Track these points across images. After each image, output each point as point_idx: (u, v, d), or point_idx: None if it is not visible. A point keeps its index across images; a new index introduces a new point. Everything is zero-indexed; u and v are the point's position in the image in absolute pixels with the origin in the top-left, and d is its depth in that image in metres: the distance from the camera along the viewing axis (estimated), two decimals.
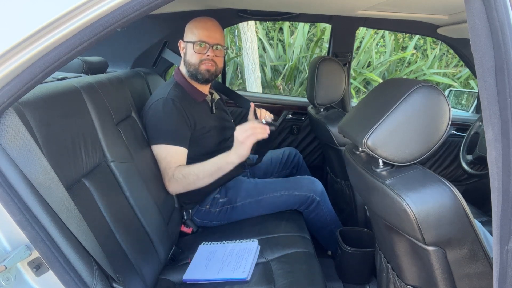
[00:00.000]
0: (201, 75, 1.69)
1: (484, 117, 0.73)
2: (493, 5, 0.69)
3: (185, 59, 1.72)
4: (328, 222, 1.85)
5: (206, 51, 1.67)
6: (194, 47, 1.66)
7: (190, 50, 1.68)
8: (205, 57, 1.67)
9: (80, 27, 0.72)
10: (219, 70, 1.75)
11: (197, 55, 1.67)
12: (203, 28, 1.67)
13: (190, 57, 1.69)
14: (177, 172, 1.58)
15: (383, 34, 5.68)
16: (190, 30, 1.70)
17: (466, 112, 2.63)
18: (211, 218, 1.77)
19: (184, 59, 1.73)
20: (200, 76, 1.69)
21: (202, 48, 1.66)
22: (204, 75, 1.69)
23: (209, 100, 1.83)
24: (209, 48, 1.67)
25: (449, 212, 0.87)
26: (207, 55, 1.67)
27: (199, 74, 1.69)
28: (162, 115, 1.60)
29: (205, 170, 1.58)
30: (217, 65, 1.71)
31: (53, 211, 0.82)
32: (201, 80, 1.71)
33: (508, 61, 0.68)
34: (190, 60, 1.69)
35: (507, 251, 0.72)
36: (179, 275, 1.41)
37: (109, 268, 0.93)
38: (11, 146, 0.78)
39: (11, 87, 0.73)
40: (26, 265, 0.79)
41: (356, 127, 1.06)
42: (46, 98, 1.01)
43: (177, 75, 1.76)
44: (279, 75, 5.47)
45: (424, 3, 1.70)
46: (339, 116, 1.91)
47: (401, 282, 1.14)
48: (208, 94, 1.84)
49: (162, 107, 1.61)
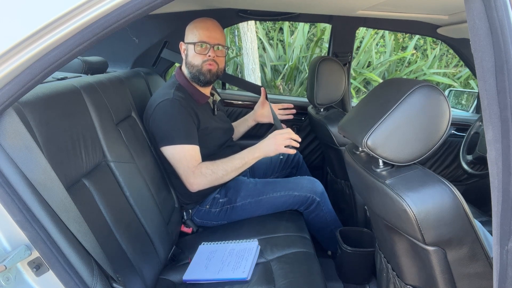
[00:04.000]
0: (203, 76, 1.68)
1: (484, 117, 0.73)
2: (493, 5, 0.69)
3: (187, 61, 1.71)
4: (328, 222, 1.85)
5: (207, 51, 1.66)
6: (195, 48, 1.66)
7: (192, 51, 1.68)
8: (207, 58, 1.67)
9: (80, 27, 0.72)
10: (220, 70, 1.74)
11: (199, 56, 1.67)
12: (203, 28, 1.67)
13: (192, 58, 1.68)
14: (204, 168, 1.60)
15: (383, 34, 5.68)
16: (190, 31, 1.69)
17: (466, 112, 2.63)
18: (211, 218, 1.77)
19: (186, 61, 1.73)
20: (202, 78, 1.69)
21: (203, 48, 1.66)
22: (206, 76, 1.69)
23: (210, 102, 1.83)
24: (210, 48, 1.66)
25: (449, 212, 0.87)
26: (208, 55, 1.66)
27: (201, 76, 1.68)
28: (171, 116, 1.60)
29: (234, 165, 1.62)
30: (218, 65, 1.71)
31: (53, 211, 0.82)
32: (203, 82, 1.70)
33: (508, 61, 0.68)
34: (192, 62, 1.69)
35: (507, 251, 0.72)
36: (179, 275, 1.41)
37: (109, 268, 0.93)
38: (11, 146, 0.78)
39: (11, 87, 0.73)
40: (26, 265, 0.79)
41: (356, 127, 1.06)
42: (46, 98, 1.01)
43: (179, 77, 1.75)
44: (279, 75, 5.47)
45: (424, 3, 1.70)
46: (339, 116, 1.91)
47: (401, 282, 1.14)
48: (210, 96, 1.84)
49: (170, 108, 1.60)
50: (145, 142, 1.63)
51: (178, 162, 1.61)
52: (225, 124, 1.89)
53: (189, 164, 1.59)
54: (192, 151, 1.61)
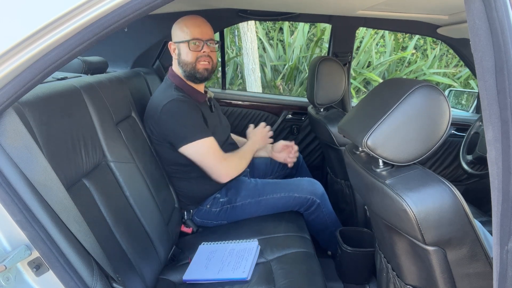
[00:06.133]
0: (199, 73, 1.68)
1: (484, 117, 0.73)
2: (493, 5, 0.69)
3: (180, 60, 1.69)
4: (328, 224, 1.85)
5: (201, 47, 1.65)
6: (189, 45, 1.65)
7: (185, 49, 1.66)
8: (201, 54, 1.66)
9: (80, 27, 0.72)
10: (215, 66, 1.74)
11: (193, 53, 1.65)
12: (194, 25, 1.66)
13: (186, 56, 1.67)
14: (229, 159, 1.67)
15: (383, 34, 5.68)
16: (180, 29, 1.67)
17: (466, 112, 2.63)
18: (211, 218, 1.77)
19: (178, 60, 1.70)
20: (198, 75, 1.68)
21: (197, 45, 1.65)
22: (202, 73, 1.68)
23: (207, 100, 1.83)
24: (204, 44, 1.66)
25: (449, 212, 0.87)
26: (203, 51, 1.66)
27: (197, 73, 1.68)
28: (181, 116, 1.59)
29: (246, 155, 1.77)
30: (212, 60, 1.70)
31: (53, 211, 0.82)
32: (199, 79, 1.70)
33: (508, 61, 0.68)
34: (186, 60, 1.67)
35: (507, 251, 0.72)
36: (179, 275, 1.41)
37: (109, 268, 0.93)
38: (11, 146, 0.78)
39: (11, 87, 0.73)
40: (26, 265, 0.79)
41: (356, 127, 1.06)
42: (46, 98, 1.01)
43: (173, 78, 1.72)
44: (279, 75, 5.47)
45: (424, 3, 1.70)
46: (339, 116, 1.91)
47: (401, 282, 1.14)
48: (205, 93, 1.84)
49: (177, 108, 1.58)
50: (145, 142, 1.63)
51: (204, 156, 1.61)
52: (222, 121, 1.90)
53: (217, 154, 1.62)
54: (213, 143, 1.63)
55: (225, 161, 1.64)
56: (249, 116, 2.63)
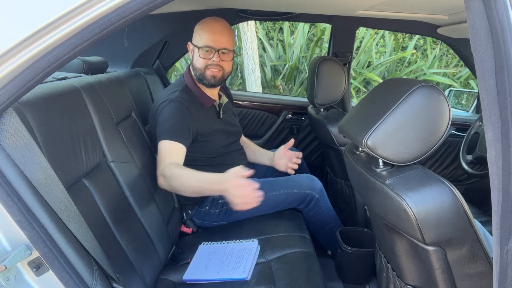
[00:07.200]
0: (207, 80, 1.66)
1: (484, 117, 0.73)
2: (493, 5, 0.69)
3: (192, 63, 1.70)
4: (327, 219, 1.84)
5: (212, 56, 1.63)
6: (200, 52, 1.63)
7: (196, 54, 1.66)
8: (210, 62, 1.63)
9: (80, 27, 0.72)
10: (226, 75, 1.71)
11: (203, 60, 1.64)
12: (209, 31, 1.63)
13: (196, 61, 1.66)
14: (167, 168, 1.45)
15: (383, 34, 5.68)
16: (197, 33, 1.66)
17: (466, 112, 2.63)
18: (210, 219, 1.77)
19: (191, 62, 1.71)
20: (206, 82, 1.67)
21: (208, 53, 1.63)
22: (209, 80, 1.66)
23: (216, 105, 1.80)
24: (215, 53, 1.62)
25: (449, 212, 0.87)
26: (212, 60, 1.63)
27: (204, 80, 1.67)
28: (166, 116, 1.58)
29: (191, 184, 1.40)
30: (224, 69, 1.67)
31: (53, 211, 0.82)
32: (207, 85, 1.69)
33: (508, 61, 0.68)
34: (196, 65, 1.67)
35: (507, 251, 0.72)
36: (179, 275, 1.41)
37: (109, 268, 0.93)
38: (11, 146, 0.78)
39: (11, 87, 0.73)
40: (26, 265, 0.79)
41: (356, 127, 1.06)
42: (46, 98, 1.01)
43: (186, 77, 1.73)
44: (279, 75, 5.47)
45: (424, 3, 1.70)
46: (339, 116, 1.91)
47: (401, 282, 1.14)
48: (217, 99, 1.80)
49: (168, 108, 1.58)
50: (145, 142, 1.63)
51: (160, 156, 1.53)
52: (230, 127, 1.85)
53: (161, 159, 1.51)
54: (170, 148, 1.52)
55: (169, 171, 1.43)
56: (249, 116, 2.63)
